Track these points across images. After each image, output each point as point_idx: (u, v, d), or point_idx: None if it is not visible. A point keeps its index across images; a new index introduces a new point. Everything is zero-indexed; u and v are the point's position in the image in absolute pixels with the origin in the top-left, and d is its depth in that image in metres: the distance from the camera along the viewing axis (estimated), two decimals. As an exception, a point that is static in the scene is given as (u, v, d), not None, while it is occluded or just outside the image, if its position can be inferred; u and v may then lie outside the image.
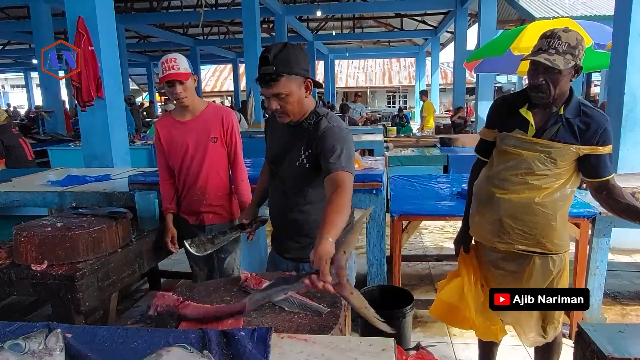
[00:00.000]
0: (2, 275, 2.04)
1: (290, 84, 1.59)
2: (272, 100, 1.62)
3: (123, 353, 1.08)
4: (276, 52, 1.56)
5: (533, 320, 1.96)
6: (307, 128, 1.71)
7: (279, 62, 1.55)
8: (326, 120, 1.69)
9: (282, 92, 1.59)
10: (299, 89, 1.63)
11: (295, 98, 1.63)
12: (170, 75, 2.22)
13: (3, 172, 3.91)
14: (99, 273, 2.10)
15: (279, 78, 1.56)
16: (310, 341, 1.11)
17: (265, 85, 1.59)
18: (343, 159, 1.59)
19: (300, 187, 1.76)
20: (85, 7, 4.10)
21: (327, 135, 1.64)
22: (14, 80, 33.72)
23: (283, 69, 1.56)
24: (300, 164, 1.71)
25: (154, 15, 13.73)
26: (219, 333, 1.13)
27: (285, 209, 1.82)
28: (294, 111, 1.66)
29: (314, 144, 1.67)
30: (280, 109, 1.64)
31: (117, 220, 2.26)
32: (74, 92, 4.34)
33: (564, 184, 1.83)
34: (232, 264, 2.53)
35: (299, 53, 1.61)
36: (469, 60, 5.93)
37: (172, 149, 2.39)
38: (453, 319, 2.13)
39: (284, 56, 1.56)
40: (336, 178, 1.56)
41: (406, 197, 3.18)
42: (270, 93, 1.61)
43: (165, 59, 2.25)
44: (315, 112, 1.72)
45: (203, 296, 1.60)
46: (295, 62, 1.58)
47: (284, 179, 1.79)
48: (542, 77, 1.72)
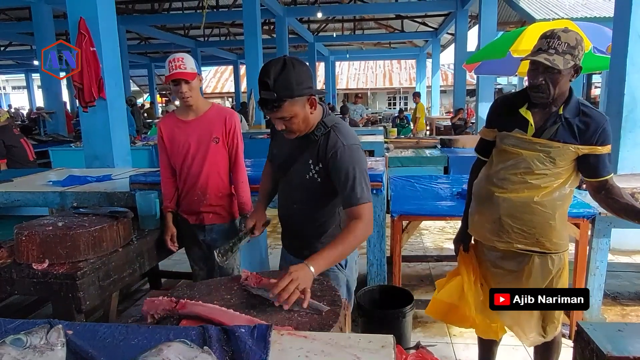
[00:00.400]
0: (3, 274, 2.04)
1: (293, 107, 1.53)
2: (277, 122, 1.59)
3: (124, 350, 1.08)
4: (276, 76, 1.48)
5: (533, 320, 1.97)
6: (315, 140, 1.66)
7: (279, 87, 1.48)
8: (335, 134, 1.64)
9: (286, 116, 1.55)
10: (303, 108, 1.57)
11: (300, 118, 1.58)
12: (177, 74, 2.23)
13: (4, 172, 3.92)
14: (100, 272, 2.11)
15: (281, 104, 1.50)
16: (310, 338, 1.12)
17: (268, 111, 1.54)
18: (359, 188, 1.58)
19: (311, 198, 1.74)
20: (87, 7, 4.12)
21: (340, 158, 1.60)
22: (15, 81, 33.79)
23: (284, 93, 1.49)
24: (310, 178, 1.69)
25: (155, 17, 13.77)
26: (219, 330, 1.13)
27: (294, 215, 1.82)
28: (300, 129, 1.62)
29: (325, 161, 1.64)
30: (286, 129, 1.60)
31: (118, 220, 2.27)
32: (76, 93, 4.35)
33: (563, 183, 1.84)
34: (233, 264, 2.53)
35: (300, 71, 1.52)
36: (469, 61, 5.95)
37: (174, 148, 2.40)
38: (452, 318, 2.14)
39: (285, 79, 1.48)
40: (355, 212, 1.58)
41: (406, 197, 3.18)
42: (274, 117, 1.57)
43: (173, 57, 2.25)
44: (323, 123, 1.67)
45: (204, 295, 1.60)
46: (296, 83, 1.50)
47: (293, 188, 1.78)
48: (542, 77, 1.73)
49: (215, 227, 2.47)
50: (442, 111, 20.43)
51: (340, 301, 1.51)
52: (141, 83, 28.95)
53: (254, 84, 9.75)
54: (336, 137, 1.63)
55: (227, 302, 1.53)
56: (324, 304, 1.46)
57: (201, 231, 2.49)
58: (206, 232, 2.48)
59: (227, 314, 1.36)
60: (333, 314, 1.42)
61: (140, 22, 13.54)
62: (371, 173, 2.84)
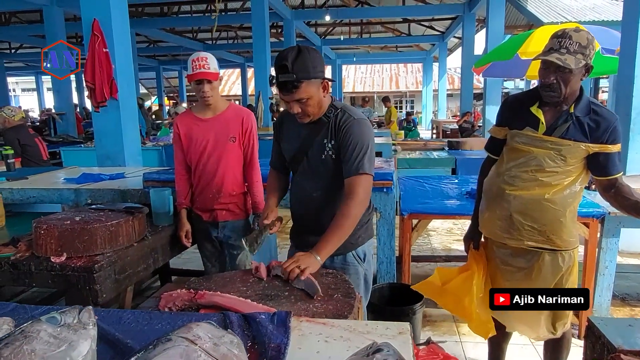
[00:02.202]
0: (22, 267, 2.08)
1: (310, 88, 1.64)
2: (293, 105, 1.68)
3: (148, 334, 1.12)
4: (293, 59, 1.59)
5: (542, 317, 1.98)
6: (326, 121, 1.77)
7: (298, 68, 1.59)
8: (346, 112, 1.76)
9: (303, 97, 1.65)
10: (318, 91, 1.68)
11: (316, 100, 1.68)
12: (201, 74, 2.26)
13: (19, 170, 3.98)
14: (116, 266, 2.15)
15: (299, 85, 1.61)
16: (328, 325, 1.15)
17: (286, 92, 1.64)
18: (363, 159, 1.69)
19: (330, 179, 1.80)
20: (101, 9, 4.20)
21: (351, 129, 1.71)
22: (25, 84, 34.12)
23: (302, 75, 1.60)
24: (326, 157, 1.77)
25: (164, 20, 13.89)
26: (240, 316, 1.17)
27: (311, 204, 1.86)
28: (314, 112, 1.72)
29: (338, 134, 1.74)
30: (301, 112, 1.70)
31: (133, 215, 2.31)
32: (88, 93, 4.42)
33: (573, 181, 1.86)
34: (244, 261, 2.57)
35: (315, 56, 1.65)
36: (477, 64, 5.99)
37: (191, 145, 2.44)
38: (455, 307, 2.13)
39: (302, 62, 1.60)
40: (351, 184, 1.69)
41: (416, 196, 3.21)
42: (291, 99, 1.66)
43: (197, 57, 2.29)
44: (333, 105, 1.78)
45: (220, 287, 1.64)
46: (312, 66, 1.62)
47: (311, 175, 1.83)
48: (554, 76, 1.75)
49: (228, 224, 2.51)
50: (449, 114, 20.41)
51: (354, 293, 1.55)
52: (149, 86, 29.17)
53: (262, 86, 9.81)
54: (347, 114, 1.76)
55: (242, 293, 1.57)
56: (339, 296, 1.50)
57: (214, 228, 2.53)
58: (219, 229, 2.52)
59: (246, 304, 1.39)
60: (347, 305, 1.45)
61: (149, 25, 13.66)
62: (382, 172, 2.88)
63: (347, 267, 1.84)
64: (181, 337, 0.78)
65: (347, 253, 1.84)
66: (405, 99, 29.83)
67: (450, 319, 3.11)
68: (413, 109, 27.55)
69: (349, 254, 1.84)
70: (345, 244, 1.74)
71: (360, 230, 1.85)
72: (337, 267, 1.82)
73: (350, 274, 1.83)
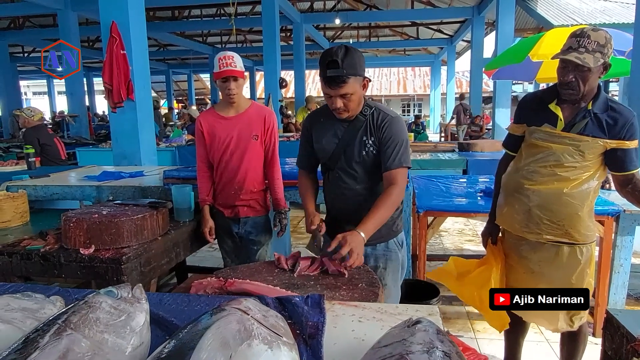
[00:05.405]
0: (52, 258, 2.15)
1: (355, 85, 1.76)
2: (336, 100, 1.77)
3: (189, 314, 1.17)
4: (343, 56, 1.70)
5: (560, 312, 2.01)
6: (363, 119, 1.87)
7: (347, 65, 1.70)
8: (382, 110, 1.89)
9: (349, 92, 1.75)
10: (360, 88, 1.80)
11: (358, 96, 1.80)
12: (228, 71, 2.32)
13: (40, 168, 4.07)
14: (142, 258, 2.21)
15: (347, 79, 1.72)
16: (360, 307, 1.20)
17: (334, 86, 1.74)
18: (403, 153, 1.83)
19: (372, 172, 1.90)
20: (119, 12, 4.29)
21: (391, 127, 1.84)
22: (36, 87, 34.57)
23: (351, 71, 1.71)
24: (367, 152, 1.88)
25: (174, 24, 14.03)
26: (275, 299, 1.22)
27: (352, 199, 1.93)
28: (354, 108, 1.83)
29: (378, 131, 1.86)
30: (343, 107, 1.79)
31: (157, 210, 2.38)
32: (105, 94, 4.51)
33: (591, 175, 1.90)
34: (264, 256, 2.62)
35: (360, 55, 1.77)
36: (487, 67, 6.02)
37: (213, 143, 2.49)
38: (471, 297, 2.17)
39: (351, 59, 1.71)
40: (393, 175, 1.82)
41: (430, 194, 3.25)
42: (337, 93, 1.75)
43: (223, 55, 2.34)
44: (367, 104, 1.90)
45: (247, 277, 1.69)
46: (359, 64, 1.75)
47: (351, 171, 1.91)
48: (572, 74, 1.80)
49: (250, 219, 2.56)
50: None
51: (378, 283, 1.60)
52: (158, 89, 29.40)
53: (272, 88, 9.88)
54: (384, 112, 1.89)
55: (269, 282, 1.62)
56: (363, 285, 1.56)
57: (236, 224, 2.58)
58: (241, 225, 2.57)
59: (275, 291, 1.45)
60: (372, 294, 1.50)
61: (160, 28, 13.81)
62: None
63: (390, 253, 1.97)
64: (234, 308, 0.83)
65: (389, 240, 1.97)
66: (413, 103, 29.82)
67: (465, 315, 3.14)
68: (421, 112, 27.56)
69: (390, 241, 1.97)
70: (388, 231, 1.89)
71: (398, 219, 1.99)
72: (379, 254, 1.95)
73: (392, 259, 1.96)
